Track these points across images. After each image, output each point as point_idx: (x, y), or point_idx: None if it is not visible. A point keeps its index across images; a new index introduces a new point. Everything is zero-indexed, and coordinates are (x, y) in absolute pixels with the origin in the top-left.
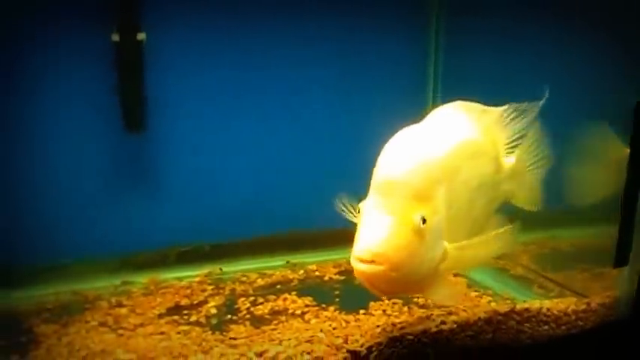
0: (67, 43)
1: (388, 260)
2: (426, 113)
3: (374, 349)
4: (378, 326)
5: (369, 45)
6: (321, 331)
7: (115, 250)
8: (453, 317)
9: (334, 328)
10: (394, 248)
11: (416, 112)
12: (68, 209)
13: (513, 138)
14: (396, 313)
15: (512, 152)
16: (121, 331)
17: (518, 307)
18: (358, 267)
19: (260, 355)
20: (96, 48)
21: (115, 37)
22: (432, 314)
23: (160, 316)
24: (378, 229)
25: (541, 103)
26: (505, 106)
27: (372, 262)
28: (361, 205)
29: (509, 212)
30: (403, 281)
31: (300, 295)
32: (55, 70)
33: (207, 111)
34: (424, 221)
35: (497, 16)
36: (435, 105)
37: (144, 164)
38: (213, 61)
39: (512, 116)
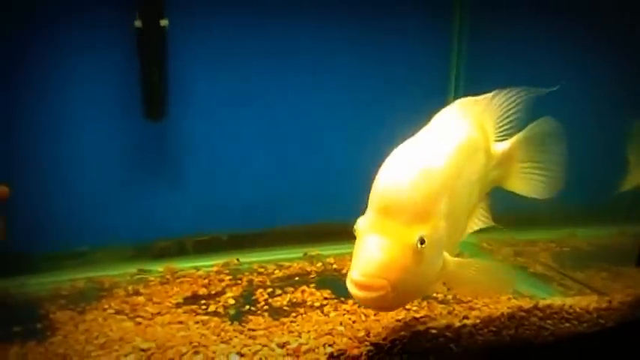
0: (89, 30)
1: (386, 286)
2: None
3: (397, 342)
4: (398, 320)
5: (391, 43)
6: (341, 324)
7: (132, 238)
8: (476, 313)
9: (354, 322)
10: (393, 274)
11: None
12: (85, 197)
13: (502, 123)
14: (415, 308)
15: (505, 138)
16: (138, 320)
17: (541, 303)
18: (355, 292)
19: (282, 346)
20: (118, 34)
21: (138, 24)
22: (453, 309)
23: (178, 305)
24: (375, 254)
25: (538, 90)
26: (492, 92)
27: (371, 288)
28: (359, 222)
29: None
30: (401, 299)
31: (318, 287)
32: (77, 57)
33: (229, 100)
34: (423, 242)
35: (522, 12)
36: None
37: (163, 153)
38: (237, 49)
39: (501, 102)
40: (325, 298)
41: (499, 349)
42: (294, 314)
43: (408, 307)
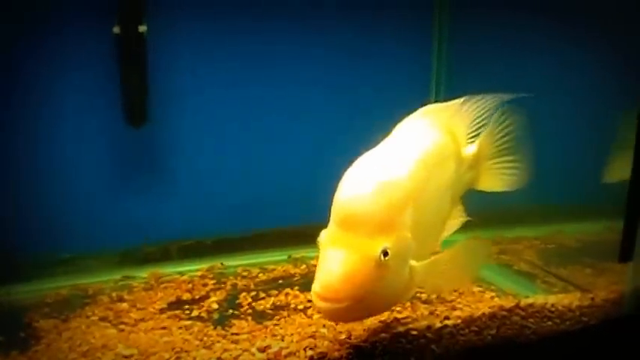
0: (68, 36)
1: (348, 298)
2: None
3: (378, 344)
4: (381, 322)
5: (374, 43)
6: (324, 326)
7: (116, 244)
8: (457, 313)
9: (337, 324)
10: (355, 286)
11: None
12: (68, 203)
13: (473, 127)
14: (399, 309)
15: (473, 140)
16: (122, 326)
17: (523, 302)
18: (318, 304)
19: (263, 350)
20: (97, 41)
21: (117, 30)
22: (435, 310)
23: (162, 310)
24: (337, 267)
25: (510, 95)
26: (462, 98)
27: (332, 300)
28: (322, 234)
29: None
30: (367, 312)
31: (302, 290)
32: (57, 64)
33: (210, 105)
34: (386, 254)
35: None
36: (437, 101)
37: (145, 158)
38: (218, 53)
39: (470, 106)
40: (309, 301)
41: (481, 349)
42: (277, 317)
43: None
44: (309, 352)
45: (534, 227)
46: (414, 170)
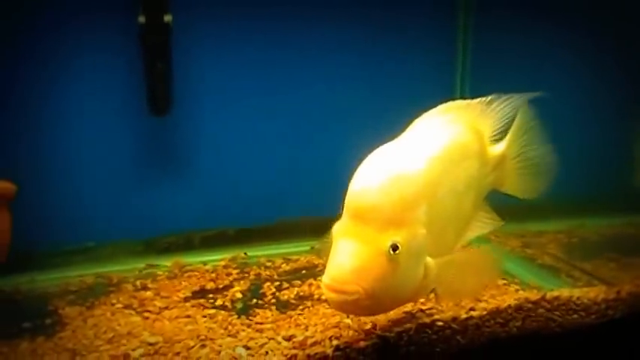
0: (93, 26)
1: (358, 291)
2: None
3: (404, 334)
4: (405, 312)
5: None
6: (348, 317)
7: (140, 233)
8: (483, 304)
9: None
10: (365, 279)
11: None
12: (93, 192)
13: (499, 126)
14: (422, 300)
15: (499, 140)
16: (146, 314)
17: (549, 295)
18: (329, 296)
19: (288, 339)
20: (122, 30)
21: (142, 19)
22: (460, 302)
23: (186, 299)
24: (348, 259)
25: (535, 93)
26: (488, 97)
27: (342, 293)
28: (335, 227)
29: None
30: (379, 306)
31: None
32: (82, 53)
33: (234, 95)
34: (396, 248)
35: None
36: (462, 96)
37: (169, 148)
38: (242, 43)
39: (497, 106)
40: None
41: (506, 341)
42: (301, 307)
43: None
44: (335, 342)
45: (557, 221)
46: (430, 165)
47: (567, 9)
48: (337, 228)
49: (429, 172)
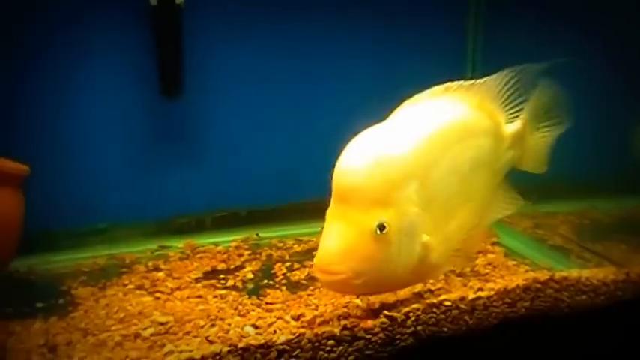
0: (105, 8)
1: (344, 271)
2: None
3: (411, 314)
4: (413, 293)
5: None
6: (357, 297)
7: (152, 214)
8: (491, 284)
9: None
10: (350, 259)
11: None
12: (105, 174)
13: (514, 104)
14: (432, 281)
15: (516, 117)
16: (158, 294)
17: (557, 275)
18: (317, 276)
19: (297, 318)
20: (134, 12)
21: (153, 1)
22: (469, 282)
23: (197, 279)
24: (333, 240)
25: (543, 64)
26: (498, 74)
27: (331, 273)
28: (328, 211)
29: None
30: (375, 285)
31: None
32: (94, 36)
33: (245, 76)
34: (384, 228)
35: None
36: (474, 75)
37: (181, 129)
38: (252, 26)
39: (508, 82)
40: None
41: (514, 321)
42: (311, 288)
43: None
44: (343, 321)
45: (568, 202)
46: (418, 145)
47: None
48: (327, 212)
49: (418, 151)
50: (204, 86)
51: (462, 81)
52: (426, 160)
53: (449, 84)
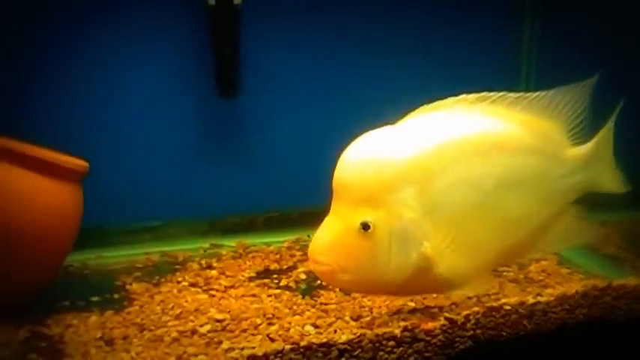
0: (163, 8)
1: (330, 264)
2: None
3: (471, 317)
4: (469, 298)
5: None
6: (412, 300)
7: (204, 213)
8: (550, 290)
9: (424, 298)
10: (336, 253)
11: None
12: (159, 172)
13: (575, 123)
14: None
15: (580, 137)
16: (212, 292)
17: (615, 283)
18: (311, 266)
19: (356, 319)
20: (192, 12)
21: (212, 2)
22: (527, 287)
23: (250, 279)
24: (323, 232)
25: (592, 80)
26: (549, 92)
27: (318, 263)
28: None
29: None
30: (361, 284)
31: None
32: (152, 35)
33: (301, 78)
34: (367, 227)
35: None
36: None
37: (235, 129)
38: (310, 28)
39: (568, 100)
40: None
41: (571, 327)
42: None
43: None
44: (402, 323)
45: (619, 211)
46: (425, 150)
47: None
48: None
49: (421, 156)
50: (259, 87)
51: (505, 93)
52: (430, 166)
53: (483, 94)
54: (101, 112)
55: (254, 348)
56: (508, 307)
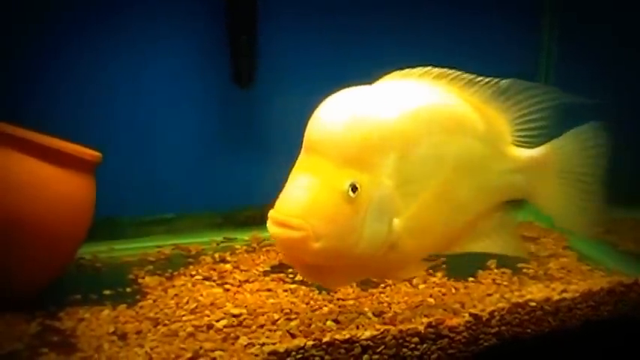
0: None
1: (305, 228)
2: None
3: (496, 313)
4: (489, 294)
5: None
6: (431, 296)
7: (217, 206)
8: (574, 286)
9: (444, 294)
10: (314, 215)
11: None
12: (172, 164)
13: (530, 127)
14: (505, 282)
15: (535, 142)
16: (227, 286)
17: None
18: (272, 231)
19: (378, 315)
20: (208, 1)
21: None
22: (550, 284)
23: (265, 273)
24: (298, 190)
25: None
26: (508, 80)
27: (288, 227)
28: (296, 163)
29: None
30: (330, 257)
31: None
32: (168, 25)
33: (317, 70)
34: (355, 189)
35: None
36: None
37: (249, 122)
38: (326, 16)
39: (523, 96)
40: None
41: (596, 324)
42: (382, 286)
43: (498, 281)
44: (425, 319)
45: (636, 208)
46: (404, 117)
47: None
48: (296, 163)
49: (402, 121)
50: (276, 78)
51: (461, 73)
52: (409, 134)
53: (447, 70)
54: (115, 103)
55: (275, 344)
56: (533, 304)
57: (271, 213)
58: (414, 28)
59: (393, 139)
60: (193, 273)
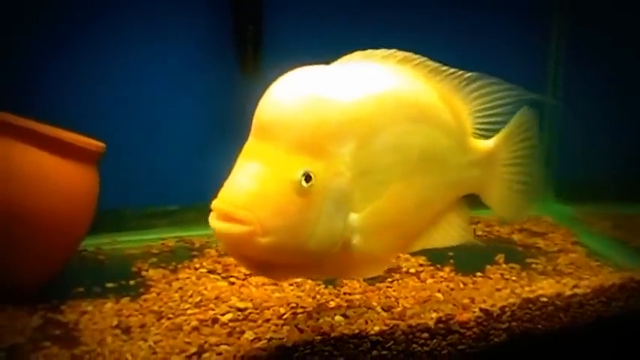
0: None
1: (251, 221)
2: None
3: (507, 309)
4: (498, 290)
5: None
6: (439, 291)
7: None
8: (586, 282)
9: (452, 289)
10: (262, 207)
11: None
12: (176, 155)
13: (483, 114)
14: (514, 278)
15: (490, 134)
16: (232, 279)
17: None
18: (214, 225)
19: (387, 309)
20: None
21: None
22: (561, 279)
23: None
24: (244, 179)
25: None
26: (472, 74)
27: (233, 220)
28: (244, 148)
29: None
30: (279, 253)
31: (413, 253)
32: (172, 13)
33: (325, 57)
34: (309, 179)
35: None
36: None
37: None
38: (333, 8)
39: (487, 89)
40: (421, 265)
41: (607, 320)
42: (389, 280)
43: (506, 276)
44: (434, 314)
45: None
46: (363, 103)
47: None
48: (243, 148)
49: (361, 107)
50: (282, 66)
51: (426, 59)
52: (371, 120)
53: (412, 55)
54: (119, 94)
55: (282, 339)
56: (545, 300)
57: (215, 203)
58: (423, 27)
59: (354, 125)
60: (197, 266)
